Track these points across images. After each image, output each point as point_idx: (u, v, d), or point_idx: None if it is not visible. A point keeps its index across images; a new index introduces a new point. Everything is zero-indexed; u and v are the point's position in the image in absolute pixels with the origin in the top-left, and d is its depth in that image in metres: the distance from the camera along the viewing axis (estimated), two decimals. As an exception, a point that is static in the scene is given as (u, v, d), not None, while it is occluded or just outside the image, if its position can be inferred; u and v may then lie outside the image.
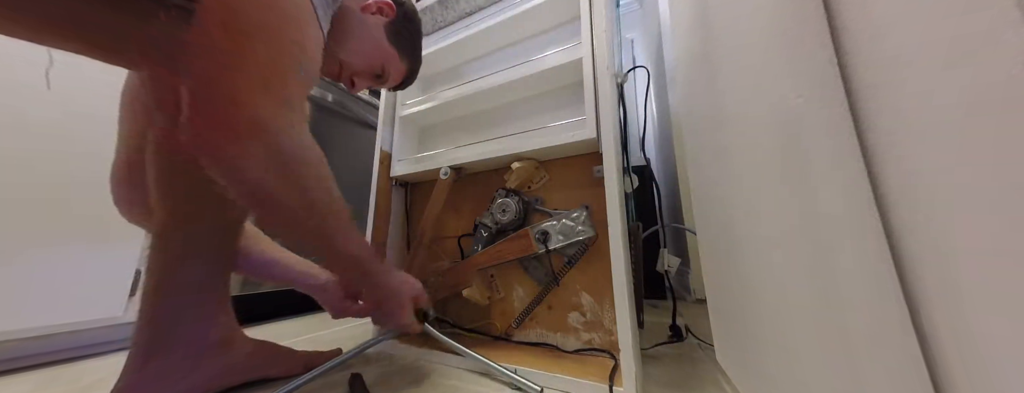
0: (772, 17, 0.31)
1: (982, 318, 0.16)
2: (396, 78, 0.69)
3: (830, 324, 0.26)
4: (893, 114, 0.20)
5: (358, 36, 0.59)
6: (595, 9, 0.70)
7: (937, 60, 0.17)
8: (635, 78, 1.23)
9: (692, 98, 0.62)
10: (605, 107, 0.62)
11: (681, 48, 0.70)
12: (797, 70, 0.28)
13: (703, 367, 0.62)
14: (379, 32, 0.61)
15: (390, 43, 0.63)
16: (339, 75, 0.62)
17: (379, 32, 0.61)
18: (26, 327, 0.69)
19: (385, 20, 0.62)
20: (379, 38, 0.61)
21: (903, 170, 0.20)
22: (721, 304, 0.54)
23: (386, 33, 0.62)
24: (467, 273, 0.75)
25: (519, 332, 0.74)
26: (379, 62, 0.63)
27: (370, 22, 0.60)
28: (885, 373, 0.21)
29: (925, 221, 0.19)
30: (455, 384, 0.58)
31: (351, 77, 0.63)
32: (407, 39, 0.66)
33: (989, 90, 0.15)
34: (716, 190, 0.51)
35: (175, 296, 0.50)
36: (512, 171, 0.74)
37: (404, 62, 0.67)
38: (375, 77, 0.65)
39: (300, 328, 1.02)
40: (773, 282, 0.35)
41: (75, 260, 0.75)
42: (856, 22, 0.23)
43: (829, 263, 0.26)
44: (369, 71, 0.63)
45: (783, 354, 0.35)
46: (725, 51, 0.44)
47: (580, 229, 0.66)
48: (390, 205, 0.91)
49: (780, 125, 0.31)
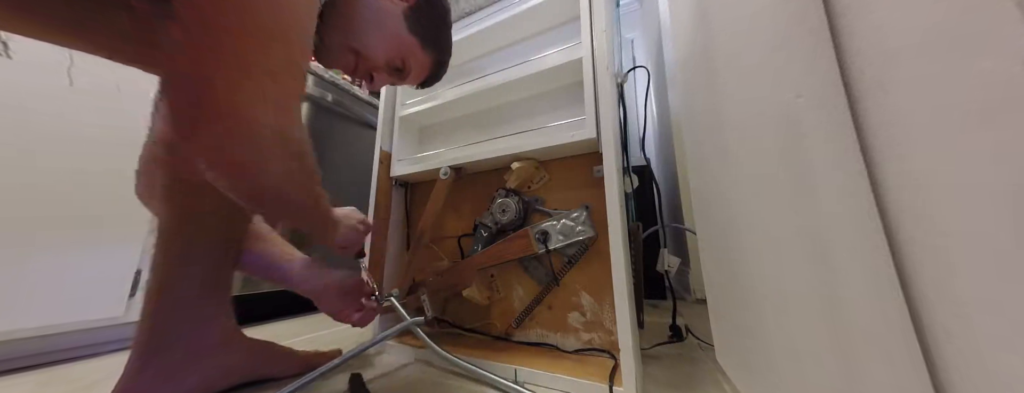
0: (772, 17, 0.31)
1: (982, 318, 0.16)
2: (420, 72, 0.63)
3: (830, 324, 0.26)
4: (893, 114, 0.20)
5: (372, 23, 0.55)
6: (595, 9, 0.70)
7: (937, 60, 0.17)
8: (635, 78, 1.23)
9: (692, 98, 0.62)
10: (605, 107, 0.62)
11: (681, 48, 0.70)
12: (797, 70, 0.28)
13: (703, 367, 0.62)
14: (397, 20, 0.56)
15: (410, 32, 0.58)
16: (355, 69, 0.57)
17: (397, 20, 0.56)
18: (26, 327, 0.69)
19: (404, 6, 0.57)
20: (397, 26, 0.56)
21: (903, 170, 0.20)
22: (721, 304, 0.54)
23: (405, 21, 0.57)
24: (467, 273, 0.75)
25: (519, 332, 0.74)
26: (398, 54, 0.58)
27: (386, 9, 0.55)
28: (885, 373, 0.21)
29: (925, 221, 0.19)
30: (455, 384, 0.58)
31: (369, 72, 0.58)
32: (430, 26, 0.60)
33: (989, 90, 0.15)
34: (716, 190, 0.51)
35: (177, 296, 0.50)
36: (512, 171, 0.74)
37: (428, 53, 0.61)
38: (396, 71, 0.60)
39: (300, 328, 1.02)
40: (773, 282, 0.35)
41: (75, 260, 0.75)
42: (856, 22, 0.23)
43: (829, 263, 0.26)
44: (388, 64, 0.58)
45: (783, 354, 0.35)
46: (725, 51, 0.44)
47: (580, 229, 0.66)
48: (390, 205, 0.91)
49: (780, 125, 0.31)
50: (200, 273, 0.52)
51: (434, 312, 0.76)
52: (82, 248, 0.76)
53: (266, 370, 0.58)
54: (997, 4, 0.14)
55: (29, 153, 0.71)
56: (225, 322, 0.55)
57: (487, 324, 0.78)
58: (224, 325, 0.55)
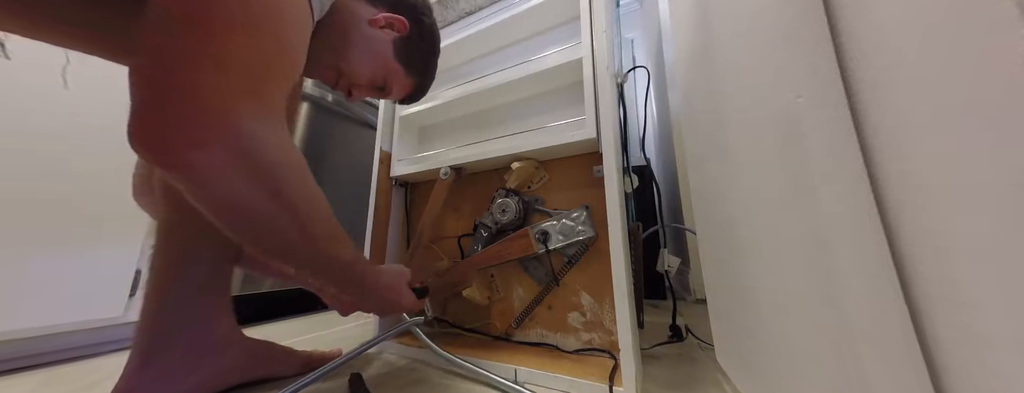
0: (772, 17, 0.31)
1: (982, 318, 0.16)
2: (400, 93, 0.65)
3: (830, 324, 0.26)
4: (893, 114, 0.20)
5: (360, 48, 0.56)
6: (595, 9, 0.70)
7: (937, 60, 0.17)
8: (635, 78, 1.23)
9: (692, 98, 0.62)
10: (605, 107, 0.62)
11: (681, 48, 0.70)
12: (797, 70, 0.28)
13: (703, 367, 0.62)
14: (385, 47, 0.58)
15: (396, 59, 0.60)
16: (337, 83, 0.59)
17: (385, 47, 0.58)
18: (26, 327, 0.69)
19: (395, 35, 0.59)
20: (384, 53, 0.58)
21: (903, 170, 0.20)
22: (721, 304, 0.54)
23: (394, 48, 0.59)
24: (467, 273, 0.75)
25: (519, 332, 0.74)
26: (381, 76, 0.60)
27: (377, 36, 0.57)
28: (885, 373, 0.21)
29: (925, 221, 0.19)
30: (455, 384, 0.58)
31: (349, 87, 0.60)
32: (418, 57, 0.63)
33: (989, 90, 0.15)
34: (716, 190, 0.51)
35: (176, 296, 0.50)
36: (512, 171, 0.74)
37: (410, 79, 0.64)
38: (377, 89, 0.62)
39: (300, 328, 1.02)
40: (773, 282, 0.35)
41: (75, 260, 0.75)
42: (856, 22, 0.23)
43: (829, 263, 0.26)
44: (369, 83, 0.60)
45: (783, 354, 0.35)
46: (725, 51, 0.44)
47: (580, 229, 0.66)
48: (390, 205, 0.91)
49: (780, 125, 0.31)
50: (200, 273, 0.52)
51: (434, 312, 0.76)
52: (82, 248, 0.76)
53: (266, 370, 0.58)
54: (997, 4, 0.14)
55: (28, 153, 0.72)
56: (225, 322, 0.55)
57: (487, 324, 0.78)
58: (224, 325, 0.55)
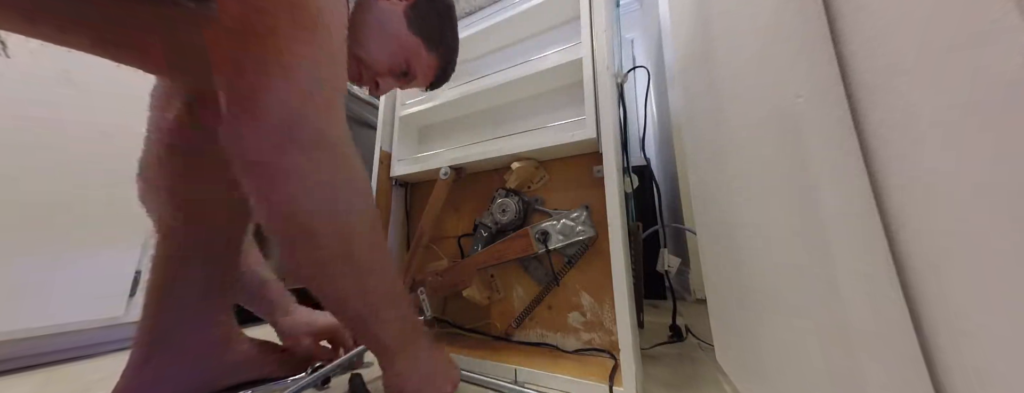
0: (772, 17, 0.31)
1: (982, 318, 0.16)
2: (427, 74, 0.60)
3: (830, 324, 0.26)
4: (893, 114, 0.20)
5: (373, 27, 0.51)
6: (595, 9, 0.70)
7: (937, 60, 0.17)
8: (635, 78, 1.23)
9: (692, 98, 0.62)
10: (605, 107, 0.62)
11: (681, 48, 0.70)
12: (797, 70, 0.28)
13: (703, 367, 0.62)
14: (397, 20, 0.53)
15: (411, 31, 0.54)
16: (360, 77, 0.55)
17: (397, 20, 0.53)
18: (26, 327, 0.69)
19: (404, 5, 0.53)
20: (397, 27, 0.53)
21: (903, 170, 0.20)
22: (721, 304, 0.54)
23: (406, 20, 0.53)
24: (467, 273, 0.75)
25: (519, 332, 0.74)
26: (401, 56, 0.55)
27: (386, 9, 0.52)
28: (885, 373, 0.21)
29: (925, 221, 0.19)
30: (455, 384, 0.58)
31: (374, 78, 0.56)
32: (433, 23, 0.56)
33: (989, 90, 0.15)
34: (716, 190, 0.51)
35: (177, 296, 0.50)
36: (512, 171, 0.74)
37: (432, 53, 0.57)
38: (401, 75, 0.57)
39: (300, 328, 1.02)
40: (773, 282, 0.35)
41: (75, 260, 0.75)
42: (856, 22, 0.23)
43: (829, 263, 0.26)
44: (393, 69, 0.56)
45: (783, 354, 0.35)
46: (725, 51, 0.44)
47: (580, 229, 0.66)
48: (390, 205, 0.91)
49: (780, 125, 0.31)
50: (201, 274, 0.52)
51: (434, 312, 0.76)
52: (83, 248, 0.76)
53: (266, 370, 0.58)
54: (997, 4, 0.14)
55: (29, 153, 0.71)
56: (226, 322, 0.55)
57: (487, 324, 0.78)
58: (224, 325, 0.55)
